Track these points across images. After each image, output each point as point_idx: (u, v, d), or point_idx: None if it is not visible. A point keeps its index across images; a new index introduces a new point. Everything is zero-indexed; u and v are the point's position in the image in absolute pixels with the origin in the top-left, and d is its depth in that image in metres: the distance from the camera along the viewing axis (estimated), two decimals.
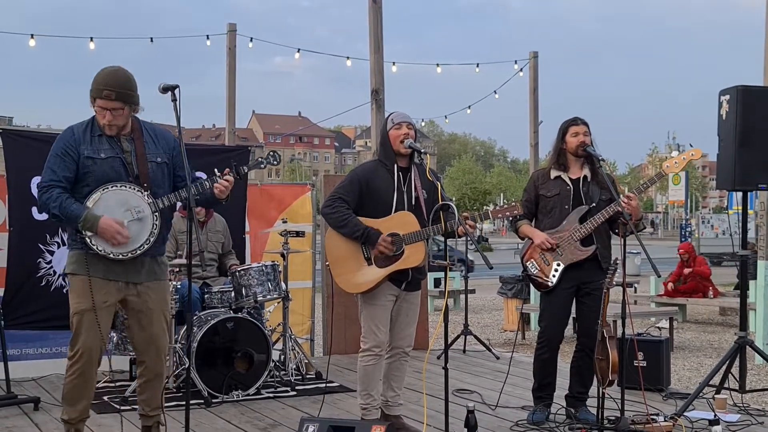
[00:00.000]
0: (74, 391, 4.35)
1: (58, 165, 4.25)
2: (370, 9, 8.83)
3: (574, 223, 5.33)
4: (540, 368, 5.52)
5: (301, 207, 8.20)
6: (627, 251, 5.15)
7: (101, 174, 4.28)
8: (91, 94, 4.27)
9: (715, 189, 25.91)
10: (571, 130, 5.39)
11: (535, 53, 12.91)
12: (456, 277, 15.39)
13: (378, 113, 8.67)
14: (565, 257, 5.34)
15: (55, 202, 4.19)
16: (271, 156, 4.84)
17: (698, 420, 5.40)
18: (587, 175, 5.41)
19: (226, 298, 6.54)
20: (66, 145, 4.28)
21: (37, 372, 6.80)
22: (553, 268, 5.37)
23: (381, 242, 4.78)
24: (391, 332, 5.00)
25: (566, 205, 5.37)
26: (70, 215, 4.19)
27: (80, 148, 4.27)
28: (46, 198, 4.21)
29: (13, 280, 6.67)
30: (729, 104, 5.89)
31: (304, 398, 6.13)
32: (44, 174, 4.27)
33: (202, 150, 8.61)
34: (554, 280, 5.37)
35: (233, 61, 10.57)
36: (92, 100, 4.27)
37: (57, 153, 4.27)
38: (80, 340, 4.28)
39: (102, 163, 4.29)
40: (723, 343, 10.94)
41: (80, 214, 4.17)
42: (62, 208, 4.19)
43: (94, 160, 4.28)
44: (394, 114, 5.02)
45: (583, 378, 5.53)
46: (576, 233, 5.30)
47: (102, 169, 4.29)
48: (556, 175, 5.44)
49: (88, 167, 4.27)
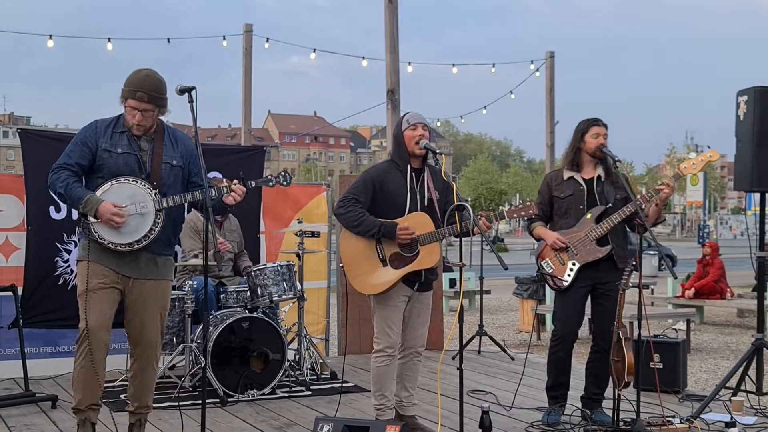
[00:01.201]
0: (83, 374, 4.44)
1: (74, 151, 4.44)
2: (385, 9, 8.83)
3: (591, 222, 5.32)
4: (554, 367, 5.51)
5: (317, 207, 8.21)
6: (644, 252, 5.14)
7: (115, 167, 4.44)
8: (123, 94, 4.45)
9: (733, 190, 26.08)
10: (592, 130, 5.36)
11: (551, 53, 12.90)
12: (471, 278, 15.37)
13: (394, 113, 8.68)
14: (580, 257, 5.32)
15: (63, 183, 4.36)
16: (281, 176, 4.93)
17: (715, 422, 5.37)
18: (601, 175, 5.40)
19: (241, 297, 6.56)
20: (86, 135, 4.47)
21: (55, 370, 6.83)
22: (568, 268, 5.36)
23: (400, 231, 4.76)
24: (404, 333, 5.00)
25: (581, 206, 5.37)
26: (73, 196, 4.36)
27: (99, 140, 4.45)
28: (54, 178, 4.39)
29: (32, 278, 6.72)
30: (747, 105, 5.86)
31: (318, 398, 6.14)
32: (60, 157, 4.46)
33: (218, 150, 8.63)
34: (569, 280, 5.35)
35: (249, 61, 10.62)
36: (123, 99, 4.45)
37: (77, 141, 4.47)
38: (83, 319, 4.42)
39: (117, 157, 4.45)
40: (740, 345, 10.88)
41: (83, 196, 4.34)
42: (68, 189, 4.36)
43: (110, 154, 4.44)
44: (408, 114, 5.01)
45: (598, 379, 5.51)
46: (592, 233, 5.28)
47: (116, 163, 4.44)
48: (569, 176, 5.44)
49: (104, 159, 4.44)
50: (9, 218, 6.85)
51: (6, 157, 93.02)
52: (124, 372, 6.54)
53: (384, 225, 4.78)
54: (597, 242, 5.30)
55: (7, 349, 6.75)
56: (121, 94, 4.46)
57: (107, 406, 5.72)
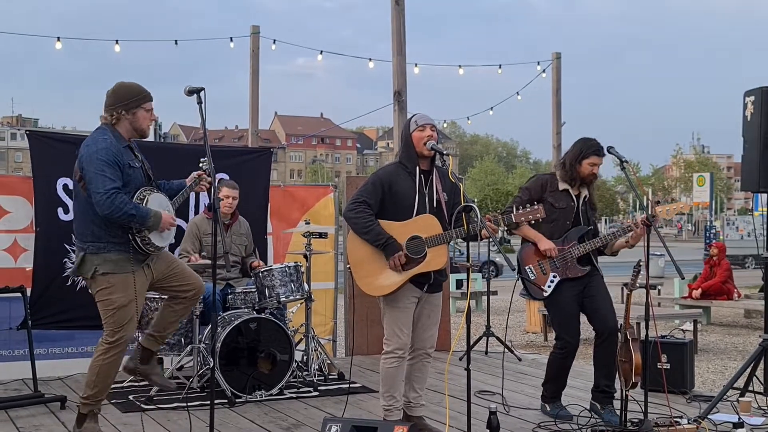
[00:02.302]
0: (108, 372, 4.83)
1: (112, 173, 4.64)
2: (392, 11, 8.84)
3: (573, 240, 5.49)
4: (557, 373, 5.63)
5: (324, 208, 8.22)
6: (651, 253, 5.15)
7: (137, 181, 4.80)
8: (138, 101, 4.78)
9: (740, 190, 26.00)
10: (592, 159, 5.46)
11: (558, 54, 12.89)
12: (478, 279, 15.38)
13: (400, 115, 8.68)
14: (561, 271, 5.47)
15: (130, 205, 4.63)
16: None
17: (722, 423, 5.37)
18: (586, 196, 5.58)
19: (249, 298, 6.57)
20: (112, 155, 4.66)
21: (64, 371, 6.86)
22: (549, 279, 5.48)
23: (396, 257, 4.78)
24: (414, 334, 5.00)
25: (568, 221, 5.51)
26: (143, 214, 4.67)
27: (122, 158, 4.70)
28: (119, 202, 4.59)
29: (40, 280, 6.75)
30: (754, 105, 5.85)
31: (326, 398, 6.15)
32: (101, 181, 4.59)
33: (225, 152, 8.66)
34: (549, 291, 5.49)
35: (256, 63, 10.63)
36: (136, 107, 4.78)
37: (108, 162, 4.63)
38: (124, 329, 4.79)
39: (136, 171, 4.80)
40: (747, 346, 10.86)
41: (150, 212, 4.71)
42: (137, 209, 4.65)
43: (133, 169, 4.78)
44: (417, 116, 5.02)
45: (609, 369, 5.51)
46: (575, 251, 5.45)
47: (137, 176, 4.81)
48: (564, 188, 5.54)
49: (130, 175, 4.75)
50: (18, 220, 6.87)
51: (14, 159, 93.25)
52: None
53: (389, 242, 4.80)
54: (578, 261, 5.46)
55: (16, 350, 6.77)
56: (129, 103, 4.75)
57: (116, 407, 5.76)
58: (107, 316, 4.79)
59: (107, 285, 4.74)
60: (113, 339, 4.78)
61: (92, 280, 4.78)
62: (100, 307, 4.82)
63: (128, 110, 4.75)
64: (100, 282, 4.76)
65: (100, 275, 4.73)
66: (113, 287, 4.74)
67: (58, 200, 6.80)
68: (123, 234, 4.71)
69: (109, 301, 4.76)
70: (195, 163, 5.25)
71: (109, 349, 4.79)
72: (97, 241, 4.71)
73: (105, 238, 4.70)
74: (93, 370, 4.84)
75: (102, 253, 4.71)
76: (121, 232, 4.70)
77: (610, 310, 5.50)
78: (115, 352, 4.81)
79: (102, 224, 4.68)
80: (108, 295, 4.75)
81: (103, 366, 4.81)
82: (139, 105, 4.77)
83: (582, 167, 5.47)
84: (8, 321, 6.73)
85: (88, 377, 4.85)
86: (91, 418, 4.89)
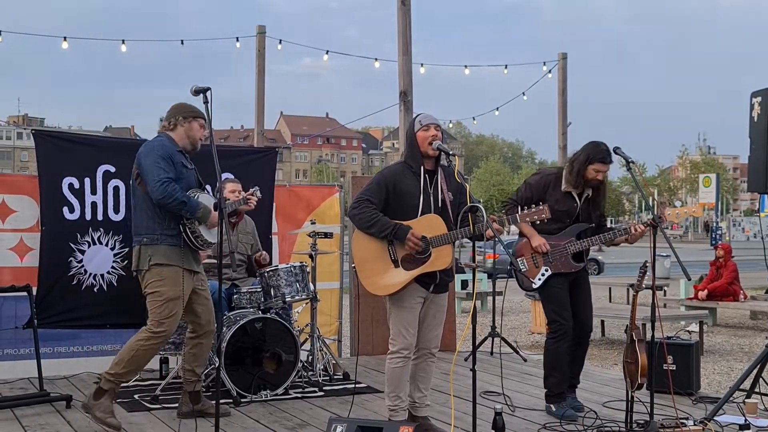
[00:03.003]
0: (143, 357, 5.16)
1: (166, 166, 5.07)
2: (398, 11, 8.83)
3: (571, 236, 5.61)
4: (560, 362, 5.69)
5: (329, 208, 8.22)
6: (657, 254, 5.14)
7: (190, 181, 5.26)
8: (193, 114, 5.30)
9: (746, 191, 25.56)
10: (597, 165, 5.52)
11: (564, 54, 12.86)
12: (483, 279, 15.37)
13: (406, 115, 8.67)
14: (554, 266, 5.61)
15: (180, 192, 5.03)
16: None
17: (728, 424, 5.36)
18: (589, 194, 5.66)
19: (254, 298, 6.57)
20: (167, 153, 5.13)
21: (69, 370, 6.87)
22: (540, 272, 5.63)
23: (410, 237, 4.76)
24: (419, 334, 5.00)
25: (568, 219, 5.64)
26: (194, 204, 5.08)
27: (175, 157, 5.16)
28: (171, 189, 5.00)
29: (46, 279, 6.75)
30: (761, 106, 5.83)
31: (331, 398, 6.15)
32: (156, 171, 5.02)
33: (231, 151, 8.64)
34: (538, 284, 5.65)
35: (262, 63, 10.62)
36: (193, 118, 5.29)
37: (162, 156, 5.09)
38: (169, 323, 5.14)
39: (189, 172, 5.27)
40: (754, 347, 10.84)
41: (200, 203, 5.12)
42: (188, 198, 5.07)
43: (186, 169, 5.24)
44: (421, 116, 5.02)
45: (577, 366, 5.83)
46: (571, 246, 5.59)
47: (190, 176, 5.28)
48: (567, 190, 5.63)
49: (183, 174, 5.18)
50: (24, 219, 6.88)
51: (20, 158, 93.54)
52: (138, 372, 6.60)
53: (397, 227, 4.79)
54: (573, 256, 5.61)
55: (22, 349, 6.78)
56: (187, 114, 5.28)
57: (122, 406, 5.77)
58: (155, 306, 5.13)
59: (159, 278, 5.11)
60: (158, 330, 5.12)
61: (147, 272, 5.14)
62: (150, 299, 5.16)
63: (185, 119, 5.27)
64: (153, 274, 5.12)
65: (154, 266, 5.10)
66: (165, 280, 5.11)
67: (64, 199, 6.81)
68: (175, 226, 5.11)
69: (159, 293, 5.11)
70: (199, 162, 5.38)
71: (151, 337, 5.13)
72: (151, 233, 5.12)
73: (159, 230, 5.11)
74: (130, 351, 5.13)
75: (155, 245, 5.11)
76: (174, 224, 5.11)
77: (588, 313, 5.79)
78: (155, 342, 5.14)
79: (156, 218, 5.10)
80: (159, 287, 5.12)
81: (140, 350, 5.12)
82: (195, 117, 5.30)
83: (588, 173, 5.55)
84: (14, 320, 6.74)
85: (122, 356, 5.14)
86: (109, 395, 5.12)
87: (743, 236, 33.00)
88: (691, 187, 72.68)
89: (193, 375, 5.49)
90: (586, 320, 5.76)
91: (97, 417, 5.05)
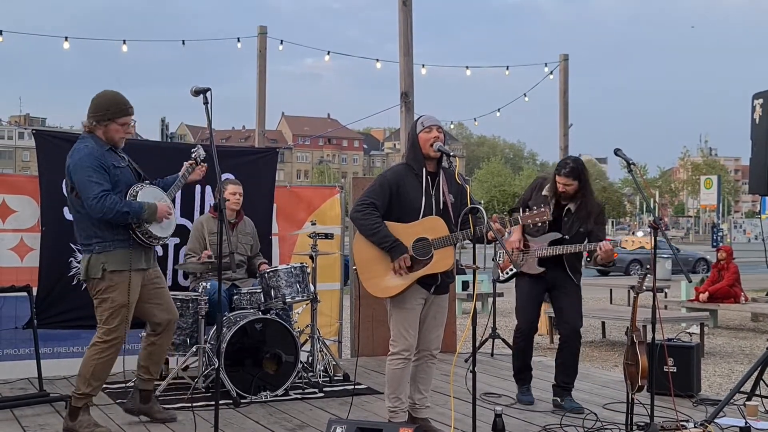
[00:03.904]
0: (103, 370, 5.01)
1: (99, 177, 4.86)
2: (400, 11, 8.82)
3: (543, 243, 5.91)
4: (519, 356, 6.17)
5: (330, 209, 8.21)
6: (658, 255, 5.14)
7: (126, 179, 5.03)
8: (110, 115, 4.96)
9: (747, 193, 25.52)
10: (559, 179, 5.81)
11: (565, 56, 12.86)
12: (484, 281, 15.35)
13: (407, 116, 8.66)
14: (525, 266, 5.99)
15: (121, 203, 4.86)
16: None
17: (729, 427, 5.35)
18: (571, 208, 5.88)
19: (255, 299, 6.57)
20: (97, 160, 4.89)
21: (69, 370, 6.84)
22: (509, 267, 6.15)
23: (399, 260, 4.77)
24: (419, 335, 4.99)
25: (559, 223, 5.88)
26: (136, 208, 4.89)
27: (106, 161, 4.93)
28: (110, 203, 4.81)
29: (46, 279, 6.75)
30: (762, 108, 5.82)
31: (331, 400, 6.14)
32: (90, 187, 4.83)
33: (232, 152, 8.64)
34: (504, 277, 6.21)
35: (264, 63, 10.61)
36: (108, 120, 4.96)
37: (92, 167, 4.86)
38: (120, 329, 4.99)
39: (123, 171, 5.03)
40: (755, 350, 10.83)
41: (143, 204, 4.93)
42: (129, 205, 4.88)
43: (119, 169, 5.00)
44: (423, 117, 5.01)
45: (567, 369, 6.02)
46: (540, 252, 5.91)
47: (125, 174, 5.04)
48: (545, 195, 5.93)
49: (117, 175, 4.97)
50: (24, 219, 6.88)
51: (22, 158, 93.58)
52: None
53: (395, 244, 4.78)
54: (538, 260, 5.92)
55: (22, 349, 6.77)
56: (103, 116, 4.95)
57: (120, 407, 5.75)
58: (107, 315, 4.98)
59: (111, 284, 4.95)
60: (109, 338, 4.98)
61: (99, 280, 4.95)
62: (100, 306, 5.01)
63: (99, 122, 4.98)
64: (105, 281, 4.95)
65: (108, 273, 4.92)
66: (116, 286, 4.95)
67: (65, 200, 6.74)
68: (125, 230, 4.95)
69: (110, 299, 4.96)
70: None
71: (105, 348, 4.99)
72: (101, 240, 4.94)
73: (109, 237, 4.93)
74: (88, 369, 5.00)
75: (108, 251, 4.93)
76: (123, 229, 4.94)
77: (576, 313, 5.97)
78: (111, 352, 5.01)
79: (103, 225, 4.91)
80: (110, 293, 4.96)
81: (98, 365, 4.99)
82: (112, 119, 4.97)
83: (557, 184, 5.85)
84: (14, 320, 6.73)
85: (83, 374, 5.02)
86: (84, 410, 5.04)
87: (744, 238, 32.95)
88: (693, 188, 72.71)
89: (146, 373, 5.36)
90: (571, 321, 5.94)
91: None
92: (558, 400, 5.99)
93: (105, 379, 5.10)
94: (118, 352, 5.06)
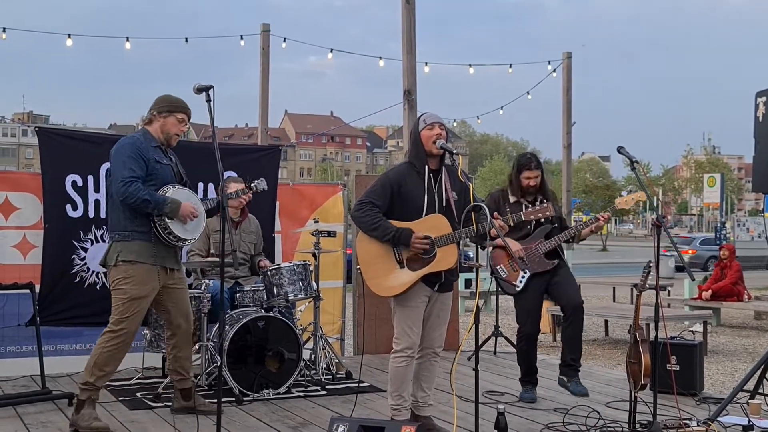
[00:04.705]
0: (107, 360, 5.05)
1: (134, 164, 5.03)
2: (403, 9, 8.82)
3: (540, 238, 6.08)
4: (523, 358, 6.20)
5: (333, 207, 8.21)
6: (660, 254, 5.14)
7: (164, 176, 5.18)
8: (171, 108, 5.22)
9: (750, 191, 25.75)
10: (525, 173, 6.03)
11: (568, 54, 12.86)
12: (487, 278, 15.33)
13: (410, 113, 8.66)
14: (531, 267, 6.06)
15: (144, 191, 4.98)
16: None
17: (732, 425, 5.34)
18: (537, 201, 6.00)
19: (257, 297, 6.57)
20: (137, 150, 5.08)
21: (72, 368, 6.86)
22: (520, 276, 6.09)
23: (414, 241, 4.76)
24: (422, 333, 4.98)
25: (529, 226, 6.04)
26: (158, 200, 5.02)
27: (148, 153, 5.11)
28: (134, 188, 4.96)
29: (49, 276, 6.75)
30: (766, 106, 5.81)
31: (334, 397, 6.14)
32: (122, 171, 5.01)
33: (235, 149, 8.64)
34: (521, 286, 6.08)
35: (267, 61, 10.63)
36: (168, 112, 5.20)
37: (130, 155, 5.05)
38: (129, 321, 5.07)
39: (163, 167, 5.19)
40: (758, 348, 10.81)
41: (167, 198, 5.06)
42: (151, 195, 5.00)
43: (160, 165, 5.17)
44: (425, 114, 5.01)
45: (573, 344, 6.21)
46: (542, 247, 6.06)
47: (165, 172, 5.20)
48: (515, 200, 6.10)
49: (156, 170, 5.13)
50: (27, 216, 6.88)
51: (25, 156, 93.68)
52: (140, 370, 6.61)
53: (399, 231, 4.78)
54: (546, 255, 6.06)
55: (25, 347, 6.78)
56: (164, 107, 5.20)
57: (123, 404, 5.77)
58: (117, 304, 5.07)
59: (125, 275, 5.06)
60: (117, 327, 5.05)
61: (114, 268, 5.08)
62: (114, 296, 5.10)
63: (160, 113, 5.20)
64: (120, 271, 5.07)
65: (121, 263, 5.04)
66: (131, 278, 5.06)
67: (67, 197, 6.81)
68: (147, 223, 5.07)
69: (123, 290, 5.06)
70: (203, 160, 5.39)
71: (112, 338, 5.06)
72: (123, 230, 5.09)
73: (130, 227, 5.07)
74: (93, 356, 5.08)
75: (126, 241, 5.07)
76: (145, 221, 5.07)
77: (575, 290, 6.19)
78: (117, 342, 5.05)
79: (128, 215, 5.06)
80: (124, 285, 5.06)
81: (103, 353, 5.04)
82: (172, 111, 5.21)
83: (521, 180, 6.04)
84: (17, 317, 6.74)
85: (89, 362, 5.09)
86: (89, 404, 5.07)
87: (747, 236, 32.89)
88: (696, 186, 72.55)
89: (178, 375, 5.49)
90: (573, 295, 6.11)
91: (82, 427, 5.03)
92: (564, 379, 6.21)
93: (110, 372, 5.12)
94: (126, 346, 5.10)
